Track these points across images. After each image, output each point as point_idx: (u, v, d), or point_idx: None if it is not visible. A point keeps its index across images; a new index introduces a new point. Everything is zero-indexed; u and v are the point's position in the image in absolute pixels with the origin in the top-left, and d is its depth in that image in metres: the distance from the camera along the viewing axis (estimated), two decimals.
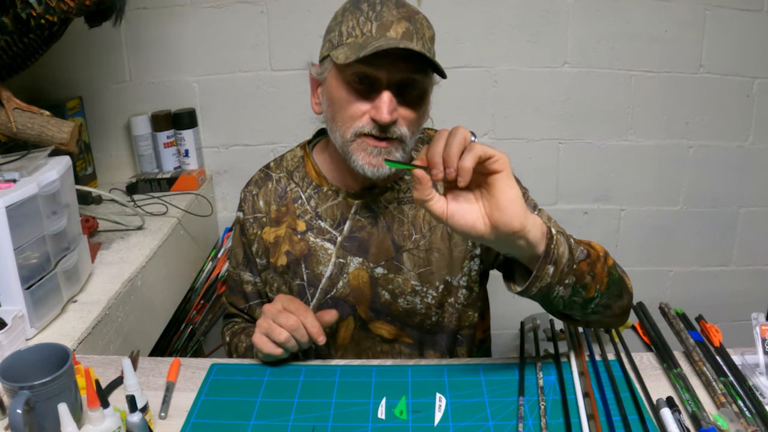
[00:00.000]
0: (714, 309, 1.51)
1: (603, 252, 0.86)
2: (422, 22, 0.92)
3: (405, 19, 0.89)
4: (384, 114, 0.88)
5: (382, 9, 0.89)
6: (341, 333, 1.06)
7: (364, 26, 0.89)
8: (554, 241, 0.76)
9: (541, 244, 0.75)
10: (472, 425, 0.78)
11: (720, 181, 1.74)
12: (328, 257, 1.03)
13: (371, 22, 0.89)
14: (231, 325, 1.13)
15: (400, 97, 0.90)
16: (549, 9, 1.59)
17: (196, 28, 1.62)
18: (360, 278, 1.03)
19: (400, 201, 1.04)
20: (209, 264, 1.62)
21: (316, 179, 1.06)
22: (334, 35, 0.92)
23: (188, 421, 0.80)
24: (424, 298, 1.04)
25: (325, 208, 1.04)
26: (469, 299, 1.07)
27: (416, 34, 0.89)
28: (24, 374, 0.72)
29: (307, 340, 0.89)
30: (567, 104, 1.67)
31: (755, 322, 0.87)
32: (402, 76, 0.89)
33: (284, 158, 1.12)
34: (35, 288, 0.95)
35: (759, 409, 0.75)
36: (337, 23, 0.93)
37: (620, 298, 0.89)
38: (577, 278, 0.80)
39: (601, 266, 0.83)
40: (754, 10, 1.59)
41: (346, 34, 0.90)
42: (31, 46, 1.13)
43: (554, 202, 1.75)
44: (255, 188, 1.10)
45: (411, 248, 1.03)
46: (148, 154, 1.68)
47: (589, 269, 0.81)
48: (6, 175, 0.95)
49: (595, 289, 0.83)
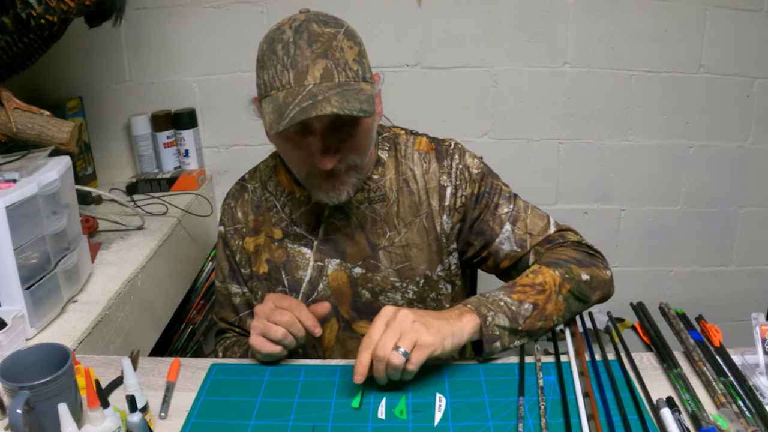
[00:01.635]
0: (714, 309, 1.51)
1: (557, 284, 0.92)
2: (341, 47, 0.88)
3: (321, 57, 0.87)
4: (325, 164, 0.91)
5: (296, 52, 0.87)
6: (326, 335, 1.06)
7: (282, 76, 0.87)
8: (490, 330, 0.86)
9: (474, 336, 0.87)
10: (472, 425, 0.78)
11: (720, 181, 1.74)
12: (306, 261, 1.04)
13: (287, 70, 0.87)
14: (223, 341, 1.13)
15: (337, 130, 0.91)
16: (549, 9, 1.59)
17: (196, 28, 1.62)
18: (339, 279, 1.04)
19: (370, 200, 1.04)
20: (209, 264, 1.62)
21: (288, 186, 1.07)
22: (260, 82, 0.92)
23: (188, 421, 0.80)
24: (405, 294, 1.05)
25: (299, 213, 1.05)
26: (452, 293, 1.08)
27: (336, 69, 0.87)
28: (24, 374, 0.72)
29: (304, 334, 0.89)
30: (567, 104, 1.67)
31: (755, 322, 0.87)
32: (332, 118, 0.89)
33: (258, 169, 1.13)
34: (35, 288, 0.95)
35: (759, 409, 0.75)
36: (260, 67, 0.91)
37: (587, 302, 0.97)
38: (528, 333, 0.90)
39: (553, 305, 0.91)
40: (754, 10, 1.59)
41: (269, 84, 0.89)
42: (31, 46, 1.13)
43: (554, 202, 1.75)
44: (233, 201, 1.11)
45: (386, 246, 1.04)
46: (148, 154, 1.68)
47: (538, 318, 0.90)
48: (6, 175, 0.95)
49: (553, 320, 0.92)
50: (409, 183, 1.05)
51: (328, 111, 0.84)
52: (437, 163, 1.05)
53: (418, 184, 1.05)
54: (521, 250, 1.03)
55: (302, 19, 0.90)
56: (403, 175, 1.05)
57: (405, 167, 1.05)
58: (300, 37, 0.87)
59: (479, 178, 1.05)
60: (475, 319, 0.86)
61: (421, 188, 1.04)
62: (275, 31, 0.91)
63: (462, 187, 1.04)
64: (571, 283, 0.94)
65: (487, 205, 1.04)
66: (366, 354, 0.81)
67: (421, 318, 0.83)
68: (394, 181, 1.05)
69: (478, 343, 0.89)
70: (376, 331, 0.82)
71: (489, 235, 1.04)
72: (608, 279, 1.00)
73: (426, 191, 1.04)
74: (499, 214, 1.04)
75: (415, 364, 0.81)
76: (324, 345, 1.07)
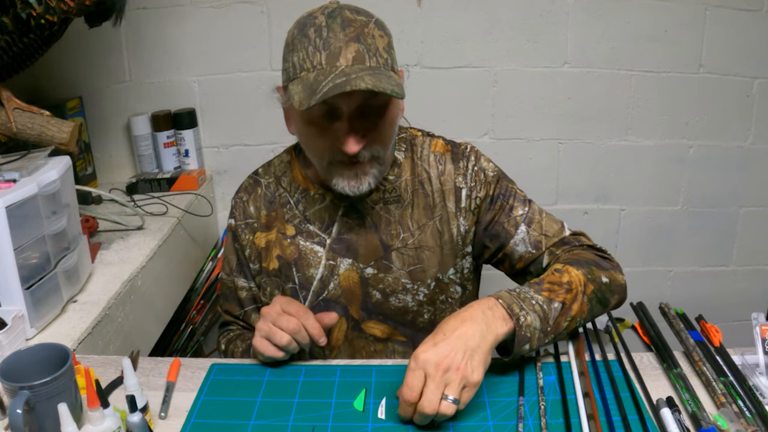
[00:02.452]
0: (714, 309, 1.51)
1: (582, 283, 0.91)
2: (373, 34, 0.89)
3: (353, 41, 0.87)
4: (350, 148, 0.90)
5: (329, 35, 0.87)
6: (334, 334, 1.06)
7: (314, 57, 0.87)
8: (522, 329, 0.82)
9: (506, 338, 0.82)
10: (472, 425, 0.78)
11: (720, 181, 1.74)
12: (318, 260, 1.04)
13: (320, 52, 0.87)
14: (226, 333, 1.13)
15: (364, 119, 0.91)
16: (549, 9, 1.59)
17: (196, 28, 1.62)
18: (350, 279, 1.04)
19: (386, 201, 1.04)
20: (209, 264, 1.62)
21: (302, 183, 1.07)
22: (288, 66, 0.91)
23: (188, 421, 0.80)
24: (416, 296, 1.04)
25: (313, 211, 1.05)
26: (462, 297, 1.08)
27: (368, 53, 0.88)
28: (24, 374, 0.72)
29: (309, 341, 0.89)
30: (567, 104, 1.67)
31: (755, 322, 0.87)
32: (360, 102, 0.89)
33: (272, 164, 1.12)
34: (35, 288, 0.95)
35: (759, 409, 0.75)
36: (289, 51, 0.91)
37: (606, 305, 0.95)
38: (555, 334, 0.87)
39: (578, 305, 0.89)
40: (754, 10, 1.59)
41: (299, 66, 0.89)
42: (31, 46, 1.13)
43: (554, 202, 1.75)
44: (245, 195, 1.11)
45: (399, 247, 1.03)
46: (148, 154, 1.68)
47: (564, 318, 0.88)
48: (6, 175, 0.95)
49: (577, 321, 0.90)
50: (425, 185, 1.05)
51: (363, 87, 0.83)
52: (453, 165, 1.05)
53: (433, 186, 1.04)
54: (536, 251, 1.03)
55: (335, 6, 0.91)
56: (418, 176, 1.05)
57: (421, 169, 1.05)
58: (333, 21, 0.88)
59: (494, 181, 1.05)
60: (508, 323, 0.82)
61: (436, 190, 1.04)
62: (306, 17, 0.91)
63: (477, 189, 1.04)
64: (594, 284, 0.92)
65: (502, 207, 1.04)
66: (410, 409, 0.76)
67: (459, 347, 0.76)
68: (409, 183, 1.05)
69: (504, 343, 0.86)
70: (416, 382, 0.75)
71: (504, 237, 1.04)
72: (624, 284, 0.99)
73: (441, 193, 1.04)
74: (514, 216, 1.03)
75: (464, 404, 0.76)
76: (332, 344, 1.07)
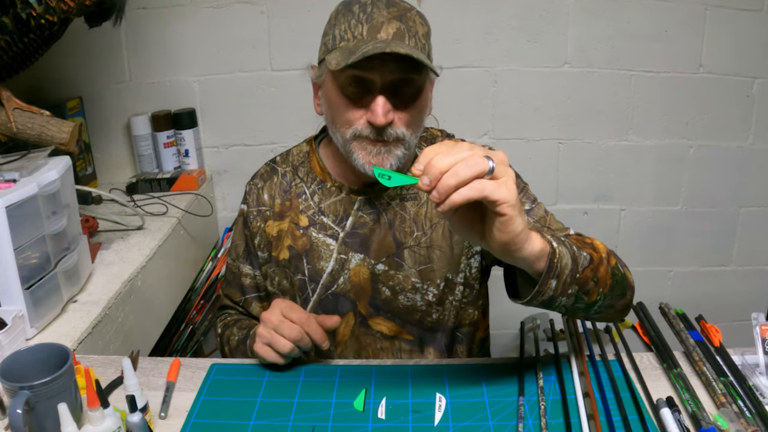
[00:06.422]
0: (714, 309, 1.51)
1: (606, 252, 0.86)
2: (414, 19, 0.92)
3: (396, 19, 0.89)
4: (378, 117, 0.89)
5: (373, 10, 0.90)
6: (341, 329, 1.06)
7: (355, 29, 0.89)
8: (557, 256, 0.75)
9: (542, 261, 0.74)
10: (472, 425, 0.78)
11: (720, 181, 1.74)
12: (330, 253, 1.04)
13: (362, 24, 0.89)
14: (224, 316, 1.14)
15: (396, 98, 0.91)
16: (549, 9, 1.59)
17: (196, 28, 1.62)
18: (361, 274, 1.04)
19: (402, 197, 1.04)
20: (209, 264, 1.62)
21: (320, 175, 1.06)
22: (328, 39, 0.93)
23: (188, 421, 0.80)
24: (425, 296, 1.04)
25: (328, 203, 1.05)
26: (470, 297, 1.07)
27: (408, 33, 0.89)
28: (24, 374, 0.72)
29: (312, 346, 0.90)
30: (567, 104, 1.67)
31: (755, 322, 0.87)
32: (395, 77, 0.89)
33: (290, 153, 1.12)
34: (35, 288, 0.95)
35: (759, 409, 0.75)
36: (330, 26, 0.94)
37: (623, 296, 0.89)
38: (579, 286, 0.79)
39: (605, 269, 0.83)
40: (754, 10, 1.59)
41: (339, 37, 0.91)
42: (31, 46, 1.13)
43: (554, 202, 1.75)
44: (260, 181, 1.11)
45: (412, 245, 1.03)
46: (148, 154, 1.68)
47: (592, 275, 0.80)
48: (6, 175, 0.95)
49: (598, 293, 0.82)
50: None
51: (402, 51, 0.84)
52: None
53: None
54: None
55: None
56: None
57: None
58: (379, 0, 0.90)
59: None
60: (544, 244, 0.74)
61: None
62: None
63: None
64: (615, 259, 0.87)
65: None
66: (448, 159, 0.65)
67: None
68: None
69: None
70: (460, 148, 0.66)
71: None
72: (633, 286, 0.94)
73: None
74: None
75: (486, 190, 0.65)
76: (338, 339, 1.06)
